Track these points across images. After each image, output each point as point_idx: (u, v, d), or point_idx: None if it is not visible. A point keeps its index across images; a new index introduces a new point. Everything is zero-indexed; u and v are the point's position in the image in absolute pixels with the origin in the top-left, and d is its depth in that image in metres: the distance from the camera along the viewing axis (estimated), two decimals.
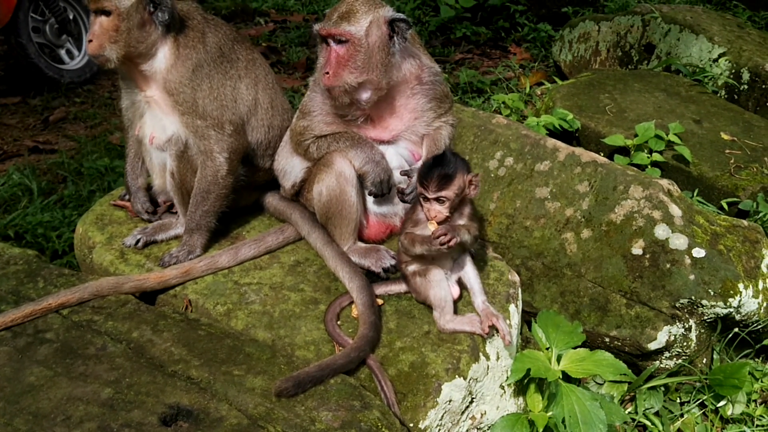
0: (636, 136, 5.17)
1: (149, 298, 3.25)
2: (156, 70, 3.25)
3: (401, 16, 3.08)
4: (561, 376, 3.11)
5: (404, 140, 3.31)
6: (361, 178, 3.29)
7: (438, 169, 2.90)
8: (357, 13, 3.04)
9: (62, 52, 7.88)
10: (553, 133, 5.36)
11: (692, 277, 3.62)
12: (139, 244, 3.41)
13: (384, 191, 3.28)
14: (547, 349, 3.24)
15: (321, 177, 3.25)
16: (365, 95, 3.11)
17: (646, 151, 5.12)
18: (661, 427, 3.61)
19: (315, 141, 3.28)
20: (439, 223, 2.95)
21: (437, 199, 2.92)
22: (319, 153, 3.27)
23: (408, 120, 3.26)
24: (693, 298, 3.59)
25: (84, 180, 5.64)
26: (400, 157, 3.31)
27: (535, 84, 7.68)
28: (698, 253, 3.68)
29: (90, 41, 3.14)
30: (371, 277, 3.23)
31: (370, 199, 3.39)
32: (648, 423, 3.64)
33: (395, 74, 3.15)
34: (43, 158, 6.19)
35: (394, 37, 3.09)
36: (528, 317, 3.87)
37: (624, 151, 5.22)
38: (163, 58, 3.24)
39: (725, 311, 3.63)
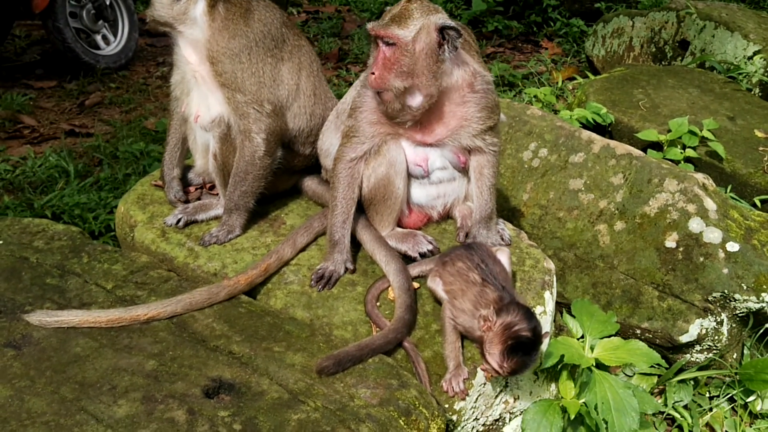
0: (669, 131, 5.16)
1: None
2: (198, 38, 3.31)
3: (451, 23, 2.99)
4: (594, 364, 3.13)
5: (448, 144, 3.27)
6: None
7: (529, 359, 2.67)
8: (408, 18, 2.97)
9: (98, 37, 7.99)
10: (586, 126, 5.37)
11: (725, 270, 3.62)
12: (180, 223, 3.47)
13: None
14: (581, 337, 3.26)
15: (371, 163, 3.25)
16: (416, 101, 3.05)
17: (679, 146, 5.11)
18: (690, 420, 3.62)
19: (349, 164, 3.26)
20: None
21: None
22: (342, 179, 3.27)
23: (454, 127, 3.20)
24: (726, 291, 3.59)
25: (119, 163, 5.73)
26: (444, 158, 3.31)
27: (566, 79, 7.68)
28: (732, 247, 3.68)
29: None
30: (407, 261, 3.26)
31: (412, 190, 3.39)
32: (677, 416, 3.65)
33: (446, 81, 3.08)
34: (79, 141, 6.29)
35: (444, 44, 3.00)
36: (560, 308, 3.88)
37: (657, 146, 5.21)
38: (202, 24, 3.29)
39: (758, 306, 3.63)
